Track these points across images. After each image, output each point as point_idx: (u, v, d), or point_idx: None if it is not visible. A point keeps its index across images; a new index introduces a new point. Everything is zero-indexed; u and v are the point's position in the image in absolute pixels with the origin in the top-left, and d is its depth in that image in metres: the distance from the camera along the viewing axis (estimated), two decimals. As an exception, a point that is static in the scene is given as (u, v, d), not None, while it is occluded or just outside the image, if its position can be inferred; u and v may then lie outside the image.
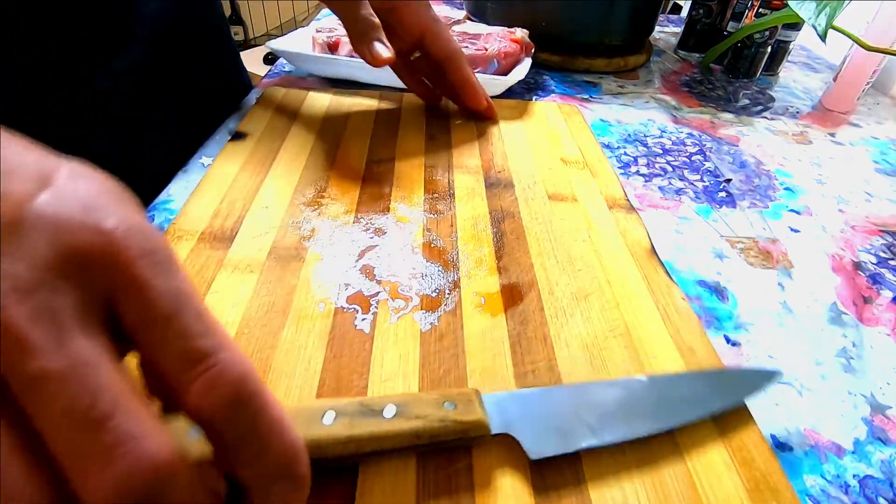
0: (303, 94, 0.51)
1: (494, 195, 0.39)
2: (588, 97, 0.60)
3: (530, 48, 0.58)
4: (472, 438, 0.21)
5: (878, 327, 0.32)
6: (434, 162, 0.42)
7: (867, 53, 0.56)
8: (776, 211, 0.42)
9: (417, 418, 0.21)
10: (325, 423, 0.20)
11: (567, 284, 0.31)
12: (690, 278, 0.34)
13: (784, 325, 0.32)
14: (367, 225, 0.35)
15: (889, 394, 0.28)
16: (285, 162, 0.40)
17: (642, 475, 0.22)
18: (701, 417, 0.24)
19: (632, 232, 0.36)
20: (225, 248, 0.31)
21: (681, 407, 0.24)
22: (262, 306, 0.28)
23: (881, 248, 0.39)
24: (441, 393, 0.22)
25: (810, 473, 0.24)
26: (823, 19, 0.47)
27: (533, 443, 0.22)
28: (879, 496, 0.23)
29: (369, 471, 0.21)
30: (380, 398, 0.21)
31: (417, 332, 0.27)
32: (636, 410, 0.23)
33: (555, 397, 0.24)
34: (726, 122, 0.57)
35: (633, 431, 0.23)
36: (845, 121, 0.60)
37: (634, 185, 0.44)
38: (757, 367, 0.29)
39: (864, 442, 0.25)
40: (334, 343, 0.26)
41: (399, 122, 0.47)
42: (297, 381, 0.24)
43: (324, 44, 0.54)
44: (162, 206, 0.36)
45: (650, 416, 0.23)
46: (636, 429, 0.23)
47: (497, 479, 0.21)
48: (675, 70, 0.71)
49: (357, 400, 0.21)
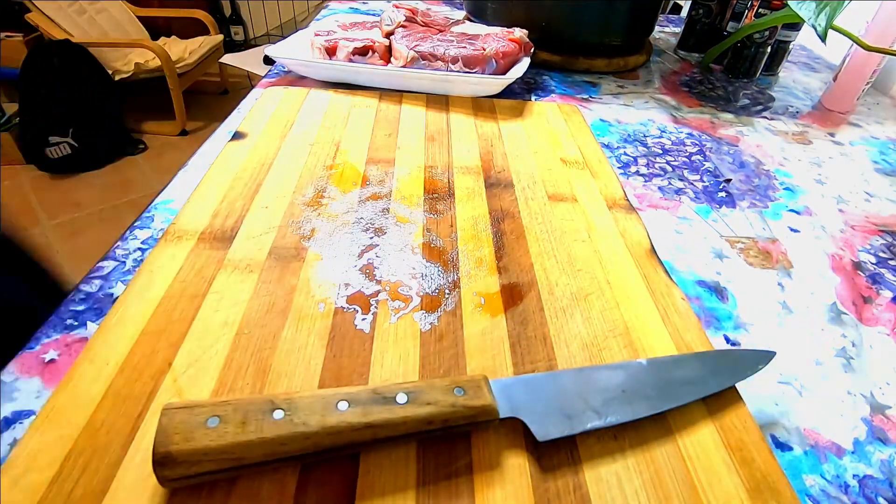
0: (303, 93, 0.51)
1: (494, 195, 0.39)
2: (588, 97, 0.60)
3: (529, 48, 0.58)
4: (481, 423, 0.22)
5: (878, 327, 0.32)
6: (434, 162, 0.42)
7: (867, 53, 0.56)
8: (776, 211, 0.42)
9: (429, 404, 0.21)
10: (339, 409, 0.20)
11: (567, 284, 0.31)
12: (690, 278, 0.34)
13: (784, 325, 0.32)
14: (367, 225, 0.35)
15: (889, 393, 0.28)
16: (285, 162, 0.40)
17: (642, 475, 0.22)
18: (700, 397, 0.24)
19: (631, 232, 0.36)
20: (225, 248, 0.31)
21: (680, 388, 0.25)
22: (262, 306, 0.28)
23: (881, 248, 0.39)
24: (451, 379, 0.22)
25: (810, 473, 0.24)
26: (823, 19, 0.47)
27: (540, 425, 0.22)
28: (879, 496, 0.23)
29: (370, 460, 0.21)
30: (390, 385, 0.22)
31: (417, 332, 0.27)
32: (638, 392, 0.24)
33: (559, 381, 0.24)
34: (726, 122, 0.57)
35: (634, 412, 0.23)
36: (845, 121, 0.60)
37: (634, 185, 0.44)
38: (752, 349, 0.29)
39: (863, 442, 0.25)
40: (334, 343, 0.26)
41: (399, 122, 0.47)
42: (297, 381, 0.24)
43: (322, 48, 0.54)
44: (162, 206, 0.36)
45: (651, 398, 0.24)
46: (638, 410, 0.23)
47: (496, 468, 0.21)
48: (674, 70, 0.71)
49: (369, 388, 0.21)
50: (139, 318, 0.26)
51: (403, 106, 0.50)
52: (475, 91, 0.53)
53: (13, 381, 0.24)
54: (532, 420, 0.22)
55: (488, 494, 0.21)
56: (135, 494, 0.20)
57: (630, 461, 0.22)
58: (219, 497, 0.20)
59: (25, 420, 0.23)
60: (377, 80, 0.53)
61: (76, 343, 0.26)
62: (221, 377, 0.24)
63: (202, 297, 0.28)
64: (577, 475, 0.22)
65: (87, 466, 0.20)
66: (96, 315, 0.28)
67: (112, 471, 0.20)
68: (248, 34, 2.64)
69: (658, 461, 0.22)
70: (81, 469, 0.20)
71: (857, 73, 0.60)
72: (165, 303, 0.27)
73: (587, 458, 0.22)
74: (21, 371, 0.25)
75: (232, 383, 0.24)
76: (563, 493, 0.21)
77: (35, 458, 0.20)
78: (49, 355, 0.26)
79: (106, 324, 0.26)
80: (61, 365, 0.25)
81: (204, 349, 0.25)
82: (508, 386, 0.24)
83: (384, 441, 0.21)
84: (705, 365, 0.26)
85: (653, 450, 0.23)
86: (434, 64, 0.53)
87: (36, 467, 0.20)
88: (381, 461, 0.21)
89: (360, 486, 0.21)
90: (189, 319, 0.27)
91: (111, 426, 0.22)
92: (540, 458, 0.22)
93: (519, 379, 0.24)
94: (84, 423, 0.22)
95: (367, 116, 0.48)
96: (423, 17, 0.61)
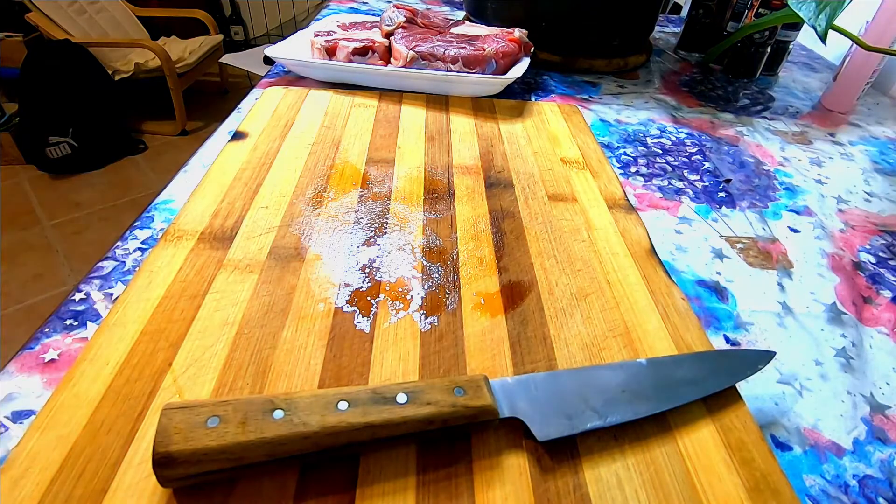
0: (303, 93, 0.51)
1: (494, 195, 0.39)
2: (588, 97, 0.60)
3: (529, 48, 0.58)
4: (481, 423, 0.22)
5: (878, 327, 0.32)
6: (434, 162, 0.42)
7: (867, 53, 0.56)
8: (776, 211, 0.42)
9: (429, 404, 0.21)
10: (339, 409, 0.20)
11: (567, 284, 0.31)
12: (690, 278, 0.34)
13: (784, 325, 0.32)
14: (367, 225, 0.35)
15: (888, 393, 0.28)
16: (285, 162, 0.40)
17: (642, 475, 0.22)
18: (700, 397, 0.24)
19: (631, 232, 0.36)
20: (225, 248, 0.31)
21: (680, 388, 0.25)
22: (262, 306, 0.28)
23: (881, 248, 0.39)
24: (450, 380, 0.22)
25: (810, 473, 0.24)
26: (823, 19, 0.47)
27: (540, 426, 0.22)
28: (879, 496, 0.23)
29: (370, 460, 0.21)
30: (390, 385, 0.22)
31: (417, 332, 0.27)
32: (637, 393, 0.24)
33: (558, 381, 0.24)
34: (726, 122, 0.57)
35: (635, 412, 0.23)
36: (845, 121, 0.60)
37: (634, 185, 0.44)
38: (752, 349, 0.29)
39: (863, 442, 0.25)
40: (334, 343, 0.26)
41: (399, 122, 0.47)
42: (297, 381, 0.24)
43: (322, 48, 0.54)
44: (162, 205, 0.36)
45: (651, 398, 0.24)
46: (638, 410, 0.23)
47: (496, 468, 0.21)
48: (674, 70, 0.71)
49: (369, 388, 0.21)
50: (139, 318, 0.26)
51: (403, 106, 0.50)
52: (475, 91, 0.53)
53: (13, 381, 0.24)
54: (532, 420, 0.22)
55: (488, 494, 0.21)
56: (135, 494, 0.20)
57: (630, 461, 0.22)
58: (219, 497, 0.20)
59: (25, 420, 0.23)
60: (377, 81, 0.53)
61: (76, 343, 0.26)
62: (221, 377, 0.24)
63: (202, 297, 0.28)
64: (577, 475, 0.22)
65: (87, 466, 0.20)
66: (96, 315, 0.28)
67: (112, 471, 0.20)
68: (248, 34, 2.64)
69: (658, 461, 0.22)
70: (81, 469, 0.20)
71: (857, 73, 0.60)
72: (165, 303, 0.27)
73: (587, 458, 0.22)
74: (21, 371, 0.25)
75: (232, 383, 0.24)
76: (563, 493, 0.21)
77: (35, 458, 0.20)
78: (49, 355, 0.26)
79: (106, 324, 0.26)
80: (61, 365, 0.25)
81: (204, 349, 0.25)
82: (508, 386, 0.24)
83: (384, 441, 0.21)
84: (705, 365, 0.26)
85: (653, 450, 0.23)
86: (434, 64, 0.53)
87: (36, 467, 0.20)
88: (381, 461, 0.21)
89: (360, 486, 0.21)
90: (189, 319, 0.27)
91: (111, 426, 0.22)
92: (540, 458, 0.22)
93: (519, 379, 0.24)
94: (84, 423, 0.22)
95: (367, 116, 0.48)
96: (422, 18, 0.61)
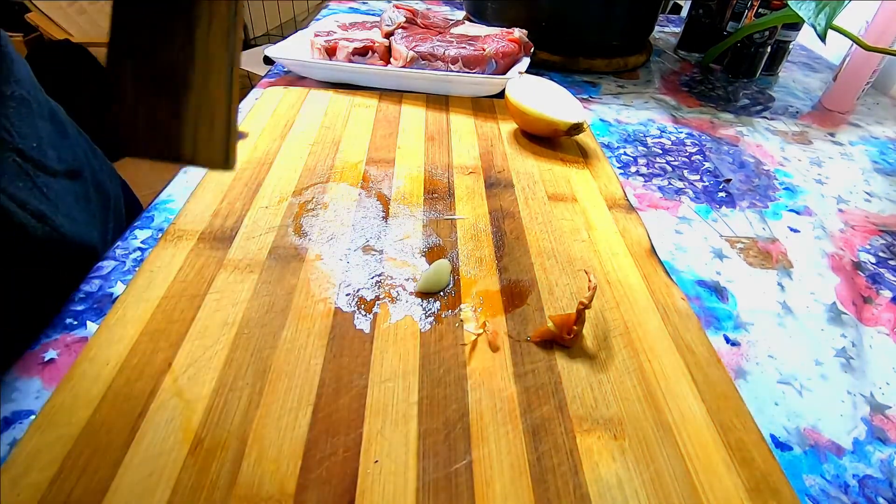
0: (303, 93, 0.51)
1: (494, 195, 0.39)
2: (588, 97, 0.60)
3: (529, 48, 0.58)
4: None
5: (878, 327, 0.32)
6: (434, 162, 0.42)
7: (867, 53, 0.56)
8: (776, 211, 0.42)
9: None
10: None
11: (567, 284, 0.31)
12: (690, 278, 0.34)
13: (784, 324, 0.32)
14: (367, 225, 0.35)
15: (888, 393, 0.28)
16: (285, 162, 0.40)
17: (642, 475, 0.22)
18: None
19: (631, 232, 0.36)
20: (225, 248, 0.31)
21: None
22: (262, 306, 0.28)
23: (881, 248, 0.39)
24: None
25: (810, 473, 0.24)
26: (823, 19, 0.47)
27: None
28: (879, 496, 0.23)
29: (370, 460, 0.21)
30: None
31: (417, 332, 0.27)
32: None
33: None
34: (726, 122, 0.57)
35: None
36: (845, 121, 0.60)
37: (634, 185, 0.44)
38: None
39: (863, 442, 0.25)
40: (334, 343, 0.26)
41: (399, 122, 0.47)
42: (297, 381, 0.24)
43: (322, 48, 0.54)
44: (162, 205, 0.36)
45: None
46: None
47: (496, 468, 0.21)
48: (674, 70, 0.71)
49: None
50: (139, 318, 0.26)
51: (403, 106, 0.50)
52: (475, 91, 0.53)
53: (13, 381, 0.24)
54: None
55: (488, 494, 0.21)
56: (135, 494, 0.20)
57: (630, 461, 0.22)
58: (219, 497, 0.20)
59: (25, 420, 0.23)
60: (377, 81, 0.53)
61: (76, 343, 0.26)
62: (221, 377, 0.24)
63: (202, 297, 0.28)
64: (577, 475, 0.22)
65: (87, 466, 0.20)
66: (96, 315, 0.28)
67: (112, 471, 0.20)
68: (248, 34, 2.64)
69: (658, 461, 0.22)
70: (81, 469, 0.20)
71: (857, 73, 0.60)
72: (165, 303, 0.27)
73: (587, 458, 0.22)
74: (21, 371, 0.25)
75: (232, 383, 0.24)
76: (563, 493, 0.21)
77: (35, 458, 0.20)
78: (49, 355, 0.26)
79: (106, 324, 0.26)
80: (61, 365, 0.25)
81: (204, 349, 0.25)
82: None
83: None
84: None
85: (653, 450, 0.23)
86: (434, 64, 0.53)
87: (36, 467, 0.20)
88: (382, 461, 0.21)
89: (360, 485, 0.21)
90: (189, 319, 0.27)
91: (111, 426, 0.22)
92: (540, 458, 0.22)
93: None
94: (84, 423, 0.22)
95: (367, 116, 0.48)
96: (422, 18, 0.61)
